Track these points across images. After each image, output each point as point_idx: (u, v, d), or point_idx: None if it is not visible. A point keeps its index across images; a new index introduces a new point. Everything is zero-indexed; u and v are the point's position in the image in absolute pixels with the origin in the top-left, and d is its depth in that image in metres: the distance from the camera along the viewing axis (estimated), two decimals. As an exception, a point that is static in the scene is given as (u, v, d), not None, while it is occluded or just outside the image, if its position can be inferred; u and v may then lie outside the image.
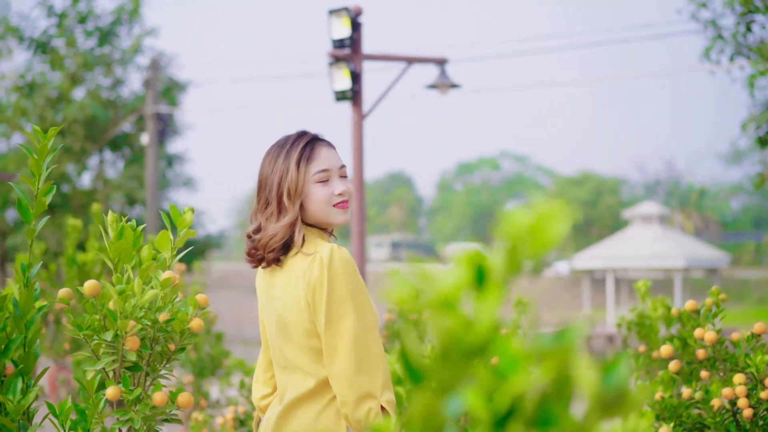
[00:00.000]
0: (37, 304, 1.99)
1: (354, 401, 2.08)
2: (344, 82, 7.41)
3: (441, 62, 8.02)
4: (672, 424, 2.68)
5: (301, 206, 2.25)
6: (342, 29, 7.26)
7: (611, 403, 0.70)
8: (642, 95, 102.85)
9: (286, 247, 2.23)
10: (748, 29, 11.55)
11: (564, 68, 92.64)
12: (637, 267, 27.43)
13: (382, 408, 2.11)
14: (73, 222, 5.16)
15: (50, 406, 2.00)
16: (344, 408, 2.11)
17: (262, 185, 2.30)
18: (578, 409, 0.74)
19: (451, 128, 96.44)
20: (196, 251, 17.43)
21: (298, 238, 2.22)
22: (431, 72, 8.58)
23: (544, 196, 50.95)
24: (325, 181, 2.27)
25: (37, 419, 2.01)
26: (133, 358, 1.81)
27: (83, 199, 17.60)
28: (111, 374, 1.88)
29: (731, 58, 12.08)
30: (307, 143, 2.29)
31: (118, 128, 17.29)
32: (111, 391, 1.81)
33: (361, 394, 2.08)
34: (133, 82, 19.53)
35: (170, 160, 18.45)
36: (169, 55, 17.78)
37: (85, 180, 18.58)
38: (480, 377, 0.72)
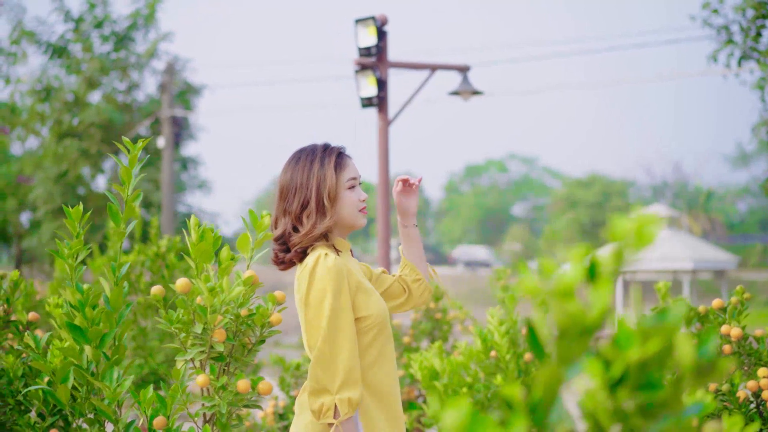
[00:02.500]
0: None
1: (312, 393, 2.27)
2: (370, 89, 7.63)
3: (463, 69, 8.23)
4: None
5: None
6: (368, 38, 7.47)
7: (704, 371, 0.89)
8: (648, 98, 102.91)
9: (306, 247, 2.42)
10: (759, 33, 11.70)
11: (571, 72, 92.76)
12: (645, 269, 27.55)
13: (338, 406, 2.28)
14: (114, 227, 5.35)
15: (134, 394, 2.19)
16: (307, 399, 2.30)
17: (292, 190, 2.48)
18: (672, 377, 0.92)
19: (458, 130, 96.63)
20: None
21: (327, 238, 2.45)
22: (448, 77, 8.77)
23: (552, 198, 51.11)
24: (353, 188, 2.51)
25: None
26: (221, 348, 1.99)
27: (98, 201, 17.82)
28: (198, 364, 2.07)
29: (739, 62, 12.23)
30: (339, 154, 2.53)
31: (134, 131, 17.50)
32: (201, 379, 1.99)
33: (317, 388, 2.27)
34: (148, 85, 19.78)
35: (185, 163, 18.67)
36: (184, 59, 18.00)
37: (100, 183, 18.80)
38: (598, 350, 0.90)
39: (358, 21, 7.53)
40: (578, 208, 44.78)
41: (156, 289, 2.07)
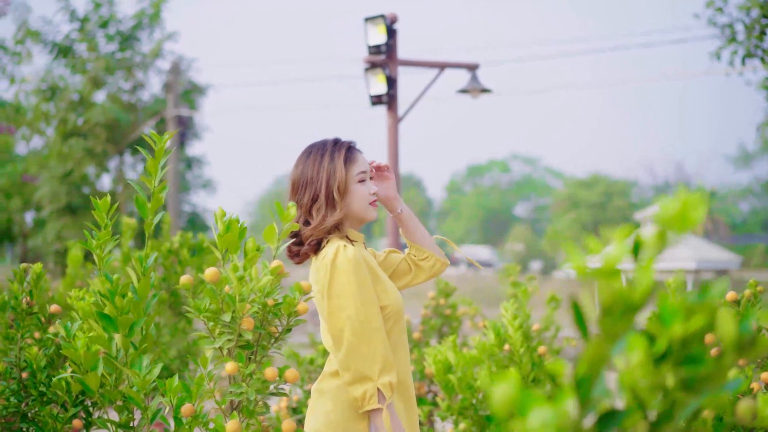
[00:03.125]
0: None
1: (351, 382, 2.34)
2: (380, 87, 7.68)
3: (472, 68, 8.28)
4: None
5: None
6: (378, 36, 7.53)
7: (745, 346, 0.92)
8: (650, 98, 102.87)
9: (320, 240, 2.50)
10: (763, 32, 11.72)
11: (574, 71, 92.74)
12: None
13: (379, 390, 2.35)
14: (127, 221, 5.40)
15: (160, 383, 2.23)
16: (346, 389, 2.37)
17: (303, 184, 2.54)
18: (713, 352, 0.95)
19: (460, 131, 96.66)
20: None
21: (331, 234, 2.51)
22: (454, 77, 8.83)
23: (554, 198, 51.13)
24: (363, 182, 2.56)
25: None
26: (249, 336, 2.03)
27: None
28: (225, 352, 2.11)
29: (743, 61, 12.24)
30: (348, 148, 2.58)
31: (139, 131, 17.55)
32: (230, 366, 2.03)
33: (356, 377, 2.33)
34: (153, 85, 19.80)
35: (189, 163, 18.71)
36: (189, 59, 18.05)
37: (105, 182, 18.85)
38: (643, 326, 0.94)
39: (367, 19, 7.58)
40: (580, 208, 44.81)
41: (185, 278, 2.11)
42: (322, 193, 2.50)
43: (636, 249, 0.98)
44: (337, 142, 2.61)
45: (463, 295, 6.33)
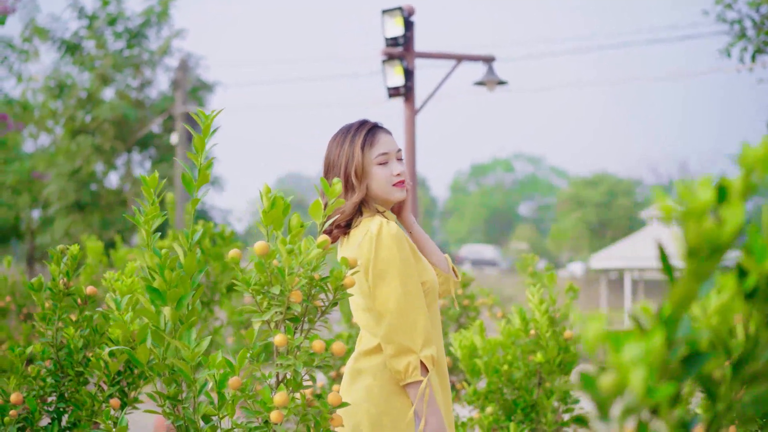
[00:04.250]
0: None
1: (394, 355, 2.38)
2: (397, 79, 7.74)
3: (489, 60, 8.32)
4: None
5: (367, 186, 2.58)
6: (395, 28, 7.59)
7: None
8: (652, 97, 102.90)
9: (350, 222, 2.56)
10: (773, 28, 11.73)
11: (577, 70, 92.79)
12: (653, 267, 27.58)
13: (422, 363, 2.40)
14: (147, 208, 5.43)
15: (204, 359, 2.26)
16: (388, 362, 2.41)
17: (329, 167, 2.62)
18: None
19: (464, 130, 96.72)
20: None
21: (364, 213, 2.56)
22: (465, 72, 8.86)
23: (558, 198, 51.14)
24: (385, 164, 2.58)
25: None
26: (298, 309, 2.06)
27: (111, 197, 17.91)
28: (273, 325, 2.14)
29: (753, 57, 12.25)
30: (369, 130, 2.62)
31: (147, 128, 17.60)
32: (279, 338, 2.06)
33: (400, 350, 2.38)
34: (161, 82, 19.85)
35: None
36: (196, 56, 18.10)
37: (112, 179, 18.90)
38: (735, 263, 0.97)
39: (384, 11, 7.64)
40: (585, 207, 44.80)
41: (233, 252, 2.14)
42: (342, 177, 2.54)
43: (722, 191, 1.01)
44: (362, 125, 2.64)
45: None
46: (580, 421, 1.04)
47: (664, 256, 1.03)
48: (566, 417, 3.69)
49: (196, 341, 2.13)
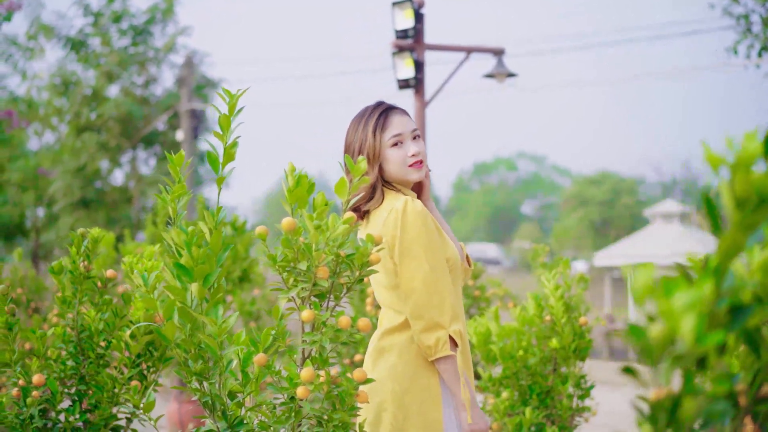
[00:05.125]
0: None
1: (424, 330, 2.40)
2: (408, 71, 7.77)
3: (498, 52, 8.34)
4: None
5: (381, 168, 2.60)
6: (405, 20, 7.61)
7: None
8: (655, 96, 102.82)
9: (369, 203, 2.58)
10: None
11: (580, 69, 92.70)
12: (657, 265, 27.54)
13: (451, 338, 2.43)
14: (162, 198, 5.45)
15: (229, 339, 2.27)
16: (417, 337, 2.43)
17: (345, 151, 2.66)
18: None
19: (467, 129, 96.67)
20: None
21: (378, 196, 2.58)
22: (471, 67, 8.87)
23: (562, 196, 51.11)
24: (399, 144, 2.60)
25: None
26: (325, 284, 2.08)
27: (116, 195, 17.93)
28: (299, 301, 2.15)
29: (760, 53, 12.24)
30: (382, 112, 2.63)
31: (153, 125, 17.62)
32: (306, 314, 2.08)
33: (430, 325, 2.40)
34: (166, 80, 19.87)
35: (202, 157, 18.76)
36: (202, 53, 18.11)
37: (117, 177, 18.93)
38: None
39: (395, 4, 7.66)
40: (588, 205, 44.79)
41: (260, 228, 2.16)
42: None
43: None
44: (375, 107, 2.66)
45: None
46: (629, 371, 1.05)
47: (711, 206, 1.04)
48: (582, 403, 3.70)
49: (223, 317, 2.15)
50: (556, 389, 3.65)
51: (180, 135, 16.69)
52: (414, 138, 2.65)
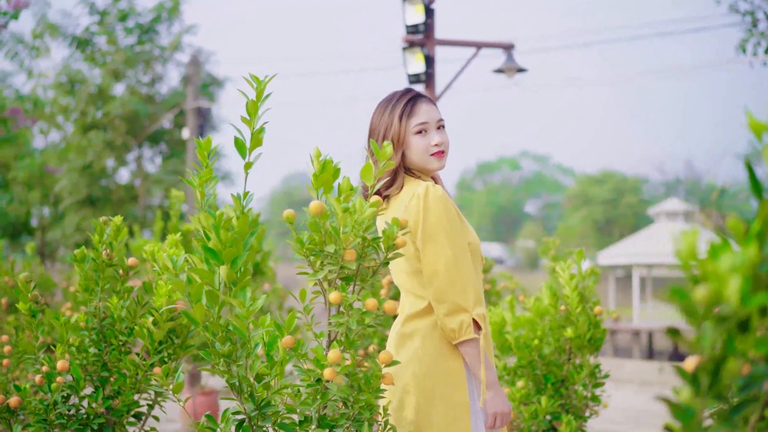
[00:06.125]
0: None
1: (448, 314, 2.43)
2: (418, 66, 7.80)
3: (508, 47, 8.37)
4: None
5: (404, 155, 2.64)
6: (416, 15, 7.65)
7: None
8: (657, 95, 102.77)
9: (389, 188, 2.61)
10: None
11: (582, 67, 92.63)
12: (661, 263, 27.56)
13: (474, 321, 2.45)
14: (176, 193, 5.49)
15: (255, 323, 2.30)
16: (440, 321, 2.45)
17: (370, 134, 2.68)
18: None
19: (469, 128, 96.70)
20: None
21: (399, 182, 2.61)
22: (477, 65, 8.87)
23: (565, 195, 51.11)
24: (423, 133, 2.62)
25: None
26: (353, 267, 2.10)
27: (122, 193, 17.97)
28: (326, 284, 2.18)
29: (767, 51, 12.23)
30: (410, 99, 2.66)
31: (158, 123, 17.65)
32: (334, 296, 2.11)
33: (453, 308, 2.42)
34: (172, 78, 19.89)
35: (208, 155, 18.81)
36: (207, 52, 18.15)
37: (123, 175, 18.96)
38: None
39: (405, -1, 7.70)
40: (592, 205, 44.78)
41: (288, 212, 2.19)
42: (380, 144, 2.59)
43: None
44: (404, 94, 2.70)
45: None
46: (673, 333, 1.08)
47: (752, 173, 1.07)
48: (596, 392, 3.73)
49: (251, 300, 2.18)
50: (571, 379, 3.68)
51: (186, 133, 16.73)
52: (438, 128, 2.69)
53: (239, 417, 2.23)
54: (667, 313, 27.07)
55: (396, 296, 4.15)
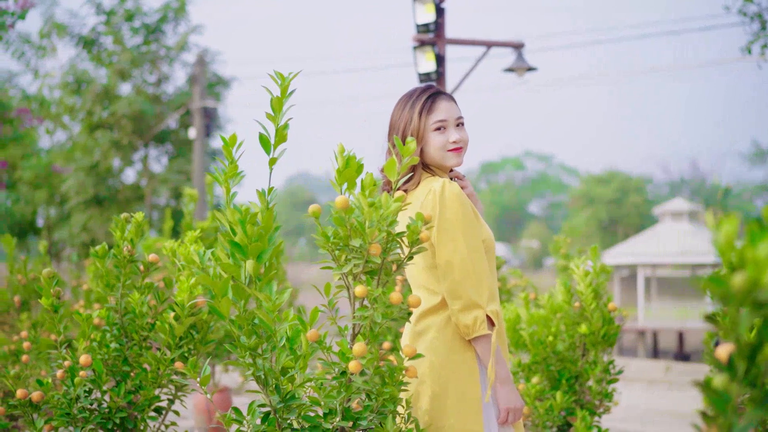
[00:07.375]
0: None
1: (462, 310, 2.45)
2: (429, 65, 7.83)
3: (518, 46, 8.41)
4: None
5: (422, 151, 2.66)
6: (426, 15, 7.68)
7: None
8: (660, 95, 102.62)
9: (407, 183, 2.65)
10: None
11: (589, 65, 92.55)
12: (666, 263, 27.57)
13: (488, 317, 2.48)
14: (190, 191, 5.53)
15: (278, 317, 2.33)
16: (454, 317, 2.47)
17: (390, 130, 2.72)
18: None
19: (473, 128, 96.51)
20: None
21: (416, 178, 2.65)
22: (485, 65, 8.89)
23: (569, 195, 51.08)
24: (442, 129, 2.65)
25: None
26: (378, 260, 2.13)
27: (128, 193, 18.02)
28: (351, 278, 2.21)
29: (774, 51, 12.23)
30: (430, 96, 2.69)
31: (165, 123, 17.70)
32: (360, 289, 2.13)
33: (467, 304, 2.45)
34: (178, 78, 19.93)
35: (214, 155, 18.85)
36: (213, 52, 18.19)
37: (129, 175, 19.00)
38: None
39: (415, -2, 7.72)
40: (596, 204, 44.76)
41: (313, 207, 2.22)
42: (400, 140, 2.63)
43: None
44: (424, 90, 2.73)
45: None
46: (711, 319, 1.11)
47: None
48: (610, 388, 3.75)
49: (277, 294, 2.21)
50: (585, 374, 3.71)
51: (192, 133, 16.77)
52: (458, 125, 2.71)
53: (264, 410, 2.26)
54: (671, 313, 27.05)
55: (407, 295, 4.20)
